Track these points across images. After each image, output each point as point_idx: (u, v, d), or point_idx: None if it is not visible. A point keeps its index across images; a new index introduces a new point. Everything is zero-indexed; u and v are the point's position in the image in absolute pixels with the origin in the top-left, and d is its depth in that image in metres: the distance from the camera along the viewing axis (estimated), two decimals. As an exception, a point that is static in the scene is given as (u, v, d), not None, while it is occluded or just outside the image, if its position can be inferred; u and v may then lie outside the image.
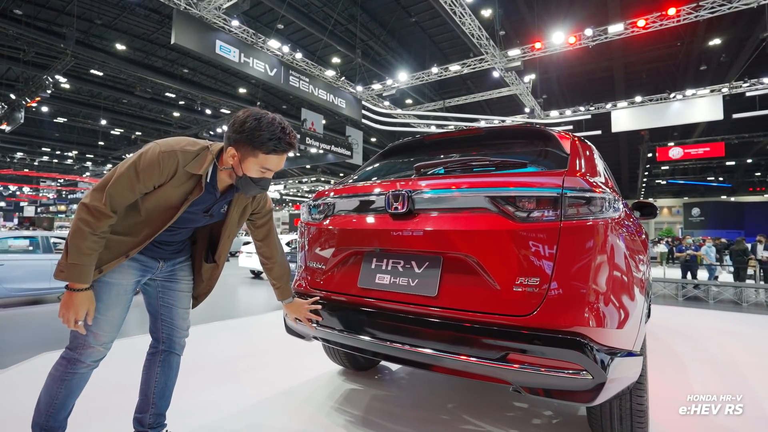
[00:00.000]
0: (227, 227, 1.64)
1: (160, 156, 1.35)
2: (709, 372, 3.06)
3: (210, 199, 1.51)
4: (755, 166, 29.71)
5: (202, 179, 1.43)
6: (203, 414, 2.16)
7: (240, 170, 1.43)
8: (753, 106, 14.66)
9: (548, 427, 2.10)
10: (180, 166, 1.38)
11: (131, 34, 15.02)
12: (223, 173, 1.48)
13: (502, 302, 1.49)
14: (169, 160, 1.36)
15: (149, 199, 1.41)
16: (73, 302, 1.34)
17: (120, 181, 1.33)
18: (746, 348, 3.85)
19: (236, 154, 1.40)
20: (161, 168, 1.35)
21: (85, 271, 1.32)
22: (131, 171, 1.33)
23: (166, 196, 1.41)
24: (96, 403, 2.24)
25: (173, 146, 1.38)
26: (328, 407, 2.27)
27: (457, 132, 2.29)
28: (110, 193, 1.32)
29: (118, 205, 1.35)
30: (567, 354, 1.36)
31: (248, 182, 1.46)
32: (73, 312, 1.34)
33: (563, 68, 17.18)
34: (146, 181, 1.35)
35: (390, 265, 1.77)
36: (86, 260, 1.32)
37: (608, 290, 1.47)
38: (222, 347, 3.54)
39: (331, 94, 14.26)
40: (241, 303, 7.65)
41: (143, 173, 1.34)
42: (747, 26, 13.98)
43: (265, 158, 1.41)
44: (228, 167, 1.45)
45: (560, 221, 1.47)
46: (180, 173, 1.39)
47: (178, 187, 1.41)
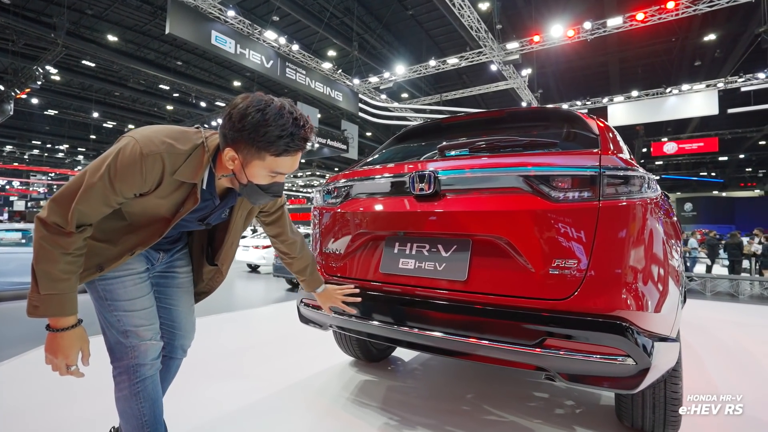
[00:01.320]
0: (230, 233, 1.39)
1: (140, 159, 1.04)
2: (726, 362, 3.03)
3: (207, 207, 1.24)
4: (747, 161, 30.07)
5: (197, 188, 1.15)
6: (212, 409, 2.08)
7: (243, 177, 1.11)
8: (747, 102, 14.74)
9: (572, 416, 2.05)
10: (167, 173, 1.08)
11: (123, 25, 14.69)
12: (222, 179, 1.20)
13: (537, 285, 1.42)
14: (152, 165, 1.05)
15: (132, 205, 1.14)
16: (60, 345, 1.07)
17: (91, 194, 1.04)
18: (757, 338, 3.84)
19: (237, 157, 1.08)
20: (143, 175, 1.05)
21: (66, 300, 1.06)
22: (105, 181, 1.03)
23: (152, 207, 1.16)
24: (79, 406, 2.15)
25: (157, 145, 1.06)
26: (344, 399, 2.20)
27: (476, 114, 2.21)
28: (79, 210, 1.04)
29: (89, 220, 1.08)
30: (609, 338, 1.30)
31: (255, 191, 1.14)
32: (62, 357, 1.08)
33: (559, 63, 17.16)
34: (124, 192, 1.07)
35: (414, 249, 1.70)
36: (64, 286, 1.05)
37: (648, 273, 1.41)
38: (223, 341, 3.46)
39: (327, 86, 14.11)
40: (238, 296, 7.54)
41: (120, 182, 1.04)
42: (742, 21, 14.02)
43: (275, 161, 1.08)
44: (228, 174, 1.16)
45: (599, 201, 1.40)
46: (167, 182, 1.10)
47: (165, 197, 1.13)
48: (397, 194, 1.78)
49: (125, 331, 1.24)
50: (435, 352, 1.62)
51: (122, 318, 1.24)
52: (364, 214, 1.88)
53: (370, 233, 1.85)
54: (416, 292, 1.65)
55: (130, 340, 1.24)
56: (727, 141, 22.30)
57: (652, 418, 1.71)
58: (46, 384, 2.38)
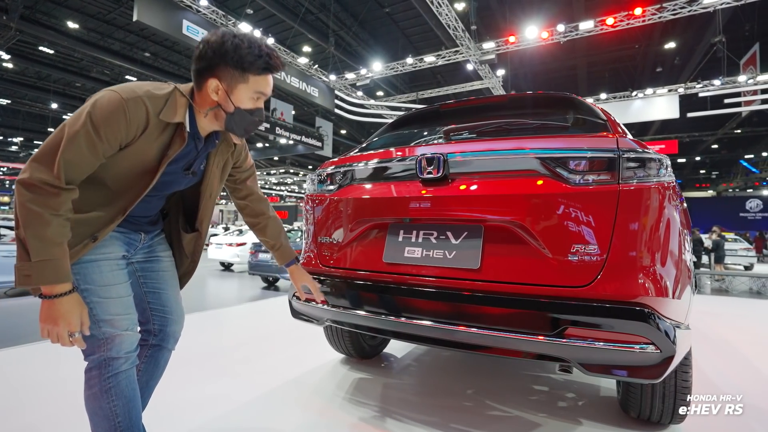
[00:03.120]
0: (207, 186, 1.34)
1: (123, 104, 1.02)
2: (710, 351, 3.11)
3: (192, 152, 1.23)
4: (702, 163, 31.84)
5: (183, 128, 1.14)
6: (202, 410, 1.91)
7: (230, 105, 1.15)
8: (705, 107, 15.55)
9: (575, 409, 2.01)
10: (151, 114, 1.07)
11: (84, 12, 13.84)
12: (204, 117, 1.19)
13: (555, 272, 1.36)
14: (135, 109, 1.04)
15: (116, 164, 1.09)
16: (59, 312, 1.00)
17: (76, 142, 0.99)
18: (731, 326, 3.99)
19: (221, 86, 1.12)
20: (128, 119, 1.03)
21: (60, 266, 1.00)
22: (88, 127, 0.99)
23: (139, 156, 1.11)
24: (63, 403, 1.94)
25: (135, 91, 1.06)
26: (340, 398, 2.07)
27: (477, 99, 2.14)
28: (66, 160, 0.98)
29: (77, 174, 1.02)
30: (633, 326, 1.25)
31: (244, 116, 1.17)
32: (63, 324, 1.01)
33: (531, 65, 17.58)
34: (111, 139, 1.03)
35: (421, 237, 1.60)
36: (58, 252, 0.99)
37: (668, 258, 1.37)
38: (205, 340, 3.25)
39: (304, 82, 13.83)
40: (214, 295, 7.24)
41: (105, 128, 1.01)
42: (698, 32, 14.84)
43: (257, 80, 1.15)
44: (213, 107, 1.16)
45: (618, 184, 1.35)
46: (153, 124, 1.09)
47: (154, 140, 1.11)
48: (402, 179, 1.68)
49: (98, 321, 1.13)
50: (446, 346, 1.52)
51: (95, 306, 1.13)
52: (364, 201, 1.77)
53: (371, 221, 1.74)
54: (424, 282, 1.56)
55: (102, 331, 1.14)
56: (685, 144, 23.54)
57: (661, 408, 1.69)
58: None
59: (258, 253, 7.63)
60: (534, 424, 1.84)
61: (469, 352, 1.72)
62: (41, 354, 2.81)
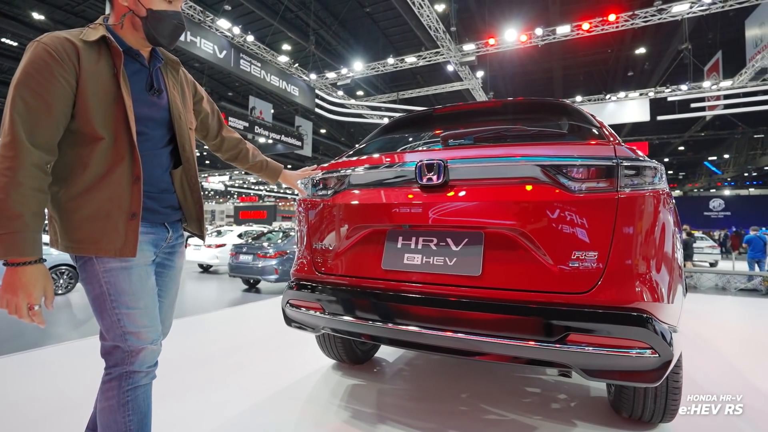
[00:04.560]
0: (174, 108, 1.28)
1: (44, 44, 1.02)
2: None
3: (142, 70, 1.20)
4: (669, 164, 33.18)
5: (110, 40, 1.11)
6: (192, 423, 1.84)
7: (141, 8, 1.13)
8: (673, 110, 16.23)
9: (567, 410, 2.04)
10: (76, 42, 1.06)
11: (51, 4, 13.22)
12: (127, 31, 1.16)
13: (557, 279, 1.37)
14: (58, 42, 1.03)
15: (88, 105, 1.06)
16: (20, 281, 0.96)
17: (19, 96, 0.98)
18: (700, 322, 4.16)
19: None
20: (58, 54, 1.02)
21: (22, 239, 0.95)
22: (25, 78, 0.99)
23: (98, 83, 1.08)
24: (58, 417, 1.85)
25: (51, 34, 1.07)
26: (335, 406, 2.04)
27: (471, 104, 2.15)
28: (17, 113, 0.97)
29: (37, 126, 0.99)
30: (633, 331, 1.27)
31: (157, 18, 1.14)
32: (23, 294, 0.96)
33: (510, 67, 17.90)
34: (53, 79, 1.01)
35: (420, 244, 1.59)
36: (18, 225, 0.94)
37: (663, 264, 1.41)
38: (189, 348, 3.15)
39: (284, 80, 13.63)
40: (194, 300, 7.04)
41: (42, 70, 1.00)
42: (666, 39, 15.51)
43: None
44: (126, 13, 1.13)
45: (617, 192, 1.38)
46: (84, 50, 1.06)
47: (96, 64, 1.08)
48: (401, 185, 1.66)
49: (124, 334, 1.11)
50: (448, 353, 1.52)
51: (123, 317, 1.11)
52: (362, 207, 1.74)
53: (369, 227, 1.72)
54: (424, 289, 1.55)
55: (128, 343, 1.12)
56: (655, 146, 24.48)
57: (653, 407, 1.74)
58: None
59: (239, 255, 7.47)
60: (530, 427, 1.86)
61: (471, 359, 1.72)
62: (9, 368, 2.66)
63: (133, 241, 1.10)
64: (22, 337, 4.34)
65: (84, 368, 2.62)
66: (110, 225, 1.08)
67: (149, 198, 1.20)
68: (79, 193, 1.08)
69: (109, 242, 1.08)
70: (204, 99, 1.50)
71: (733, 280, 9.53)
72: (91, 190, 1.08)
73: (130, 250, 1.10)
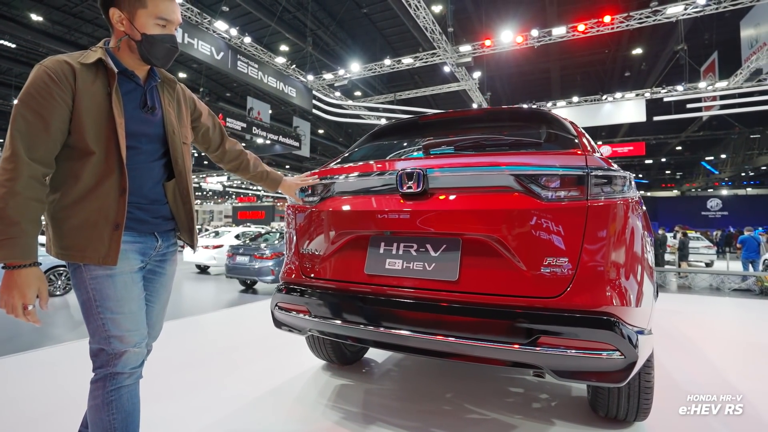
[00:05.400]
0: (168, 124, 1.34)
1: (45, 68, 1.11)
2: (673, 346, 3.30)
3: (136, 89, 1.27)
4: (667, 164, 33.31)
5: (107, 63, 1.19)
6: (185, 423, 1.91)
7: (136, 32, 1.20)
8: (669, 111, 16.30)
9: (548, 409, 2.11)
10: (73, 64, 1.14)
11: (49, 4, 13.26)
12: (123, 53, 1.24)
13: (529, 284, 1.44)
14: (57, 65, 1.12)
15: (82, 124, 1.13)
16: (15, 282, 1.05)
17: (20, 115, 1.08)
18: (692, 324, 4.23)
19: (122, 15, 1.19)
20: (57, 77, 1.11)
21: (19, 244, 1.04)
22: (27, 98, 1.09)
23: (93, 106, 1.15)
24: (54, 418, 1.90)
25: (53, 57, 1.16)
26: (322, 406, 2.11)
27: (455, 112, 2.21)
28: (17, 131, 1.06)
29: (35, 142, 1.08)
30: (600, 334, 1.34)
31: (152, 42, 1.22)
32: (18, 294, 1.05)
33: (507, 67, 17.96)
34: (51, 100, 1.09)
35: (401, 250, 1.65)
36: (15, 231, 1.04)
37: (631, 269, 1.47)
38: (183, 350, 3.21)
39: (281, 82, 13.68)
40: (192, 301, 7.10)
41: (42, 91, 1.09)
42: (662, 40, 15.58)
43: (155, 4, 1.20)
44: (122, 37, 1.22)
45: (587, 200, 1.44)
46: (80, 72, 1.14)
47: (91, 85, 1.16)
48: (383, 192, 1.73)
49: (108, 337, 1.18)
50: (426, 354, 1.58)
51: (107, 321, 1.18)
52: (346, 213, 1.81)
53: (353, 233, 1.78)
54: (405, 293, 1.61)
55: (112, 346, 1.19)
56: (652, 146, 24.55)
57: (626, 406, 1.80)
58: None
59: (236, 256, 7.53)
60: (510, 425, 1.92)
61: (448, 360, 1.78)
62: (5, 369, 2.72)
63: (115, 250, 1.17)
64: (21, 338, 4.40)
65: (81, 368, 2.67)
66: (96, 234, 1.15)
67: (139, 209, 1.26)
68: (70, 204, 1.16)
69: (94, 251, 1.15)
70: (203, 114, 1.56)
71: (727, 280, 9.62)
72: (81, 201, 1.15)
73: (113, 258, 1.17)
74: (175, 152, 1.36)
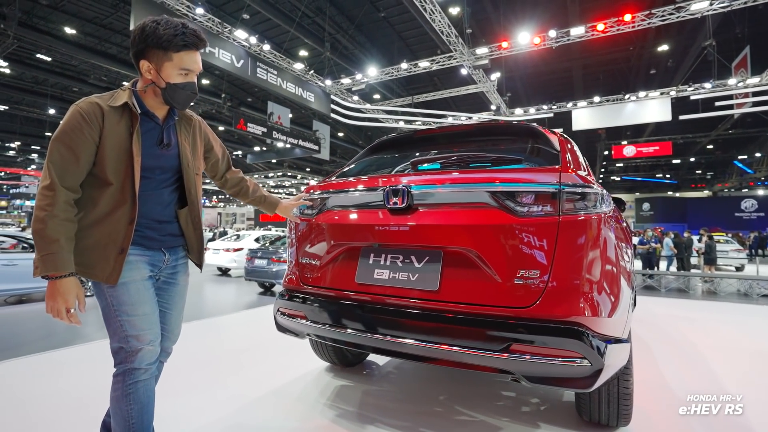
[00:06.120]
0: (183, 157, 1.51)
1: (79, 108, 1.29)
2: (675, 352, 3.29)
3: (155, 128, 1.44)
4: (697, 164, 32.07)
5: (132, 105, 1.36)
6: (191, 418, 2.08)
7: (161, 81, 1.37)
8: (696, 109, 15.74)
9: (537, 414, 2.18)
10: (103, 106, 1.32)
11: (82, 17, 13.98)
12: (148, 96, 1.41)
13: (503, 294, 1.53)
14: (90, 107, 1.31)
15: (105, 157, 1.32)
16: (58, 290, 1.25)
17: (56, 149, 1.27)
18: (699, 330, 4.17)
19: (151, 66, 1.36)
20: (88, 117, 1.29)
21: (58, 258, 1.23)
22: (62, 135, 1.28)
23: (116, 142, 1.33)
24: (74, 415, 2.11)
25: (86, 98, 1.34)
26: (321, 405, 2.25)
27: (447, 128, 2.32)
28: (53, 162, 1.25)
29: (72, 176, 1.28)
30: (567, 343, 1.42)
31: (175, 90, 1.38)
32: (61, 301, 1.25)
33: (526, 68, 17.74)
34: (81, 137, 1.28)
35: (389, 260, 1.77)
36: (55, 247, 1.23)
37: (602, 281, 1.54)
38: (198, 349, 3.42)
39: (299, 87, 13.98)
40: (211, 302, 7.40)
41: (75, 130, 1.28)
42: (690, 35, 15.03)
43: (179, 57, 1.36)
44: (149, 84, 1.38)
45: (559, 216, 1.52)
46: (108, 113, 1.32)
47: (117, 125, 1.34)
48: (372, 207, 1.85)
49: (126, 337, 1.35)
50: (409, 358, 1.70)
51: (124, 323, 1.35)
52: (339, 226, 1.94)
53: (345, 244, 1.91)
54: (390, 301, 1.73)
55: (130, 345, 1.35)
56: (679, 145, 23.73)
57: (607, 411, 1.87)
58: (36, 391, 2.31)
59: (254, 259, 7.79)
60: (496, 427, 2.01)
61: (428, 364, 1.89)
62: (41, 365, 2.98)
63: (118, 271, 1.34)
64: (54, 336, 4.74)
65: (108, 365, 2.91)
66: (104, 255, 1.33)
67: (148, 228, 1.45)
68: (87, 226, 1.33)
69: (100, 270, 1.33)
70: (215, 146, 1.73)
71: (756, 285, 9.27)
72: (96, 224, 1.34)
73: (114, 278, 1.34)
74: (188, 183, 1.53)
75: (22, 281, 6.35)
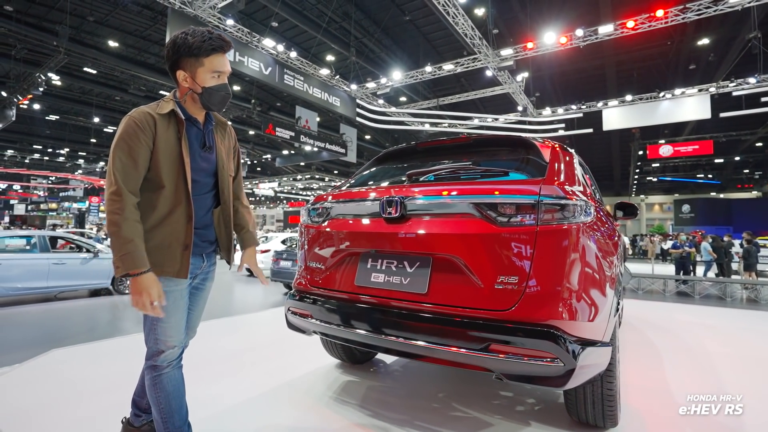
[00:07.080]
0: (219, 159, 1.66)
1: (133, 118, 1.43)
2: (684, 360, 3.26)
3: (198, 132, 1.59)
4: (743, 163, 30.24)
5: (177, 111, 1.51)
6: (207, 406, 2.30)
7: (197, 86, 1.50)
8: (740, 105, 14.93)
9: (531, 413, 2.27)
10: (154, 115, 1.46)
11: (124, 30, 14.97)
12: (188, 103, 1.56)
13: (484, 298, 1.65)
14: (142, 116, 1.44)
15: (158, 162, 1.45)
16: (142, 286, 1.37)
17: (117, 156, 1.39)
18: (721, 339, 4.07)
19: (186, 74, 1.50)
20: (141, 125, 1.42)
21: (135, 256, 1.36)
22: (120, 142, 1.41)
23: (167, 148, 1.47)
24: (86, 405, 2.38)
25: (140, 107, 1.49)
26: (327, 397, 2.43)
27: (446, 140, 2.45)
28: (116, 169, 1.38)
29: (133, 181, 1.41)
30: (541, 344, 1.53)
31: (210, 93, 1.53)
32: (146, 295, 1.37)
33: (555, 66, 17.38)
34: (138, 143, 1.41)
35: (384, 265, 1.93)
36: (131, 247, 1.35)
37: (579, 287, 1.64)
38: (223, 343, 3.69)
39: (325, 92, 14.35)
40: (239, 301, 7.79)
41: (132, 137, 1.41)
42: (734, 27, 14.28)
43: (210, 61, 1.49)
44: (187, 92, 1.53)
45: (537, 226, 1.63)
46: (159, 120, 1.46)
47: (167, 130, 1.48)
48: (370, 216, 2.02)
49: (156, 339, 1.54)
50: (399, 355, 1.85)
51: (157, 327, 1.52)
52: (342, 233, 2.11)
53: (347, 250, 2.08)
54: (385, 302, 1.89)
55: (158, 346, 1.55)
56: (722, 143, 22.48)
57: (593, 412, 1.95)
58: (52, 387, 2.62)
59: (280, 261, 8.11)
60: (487, 424, 2.12)
61: (416, 360, 2.02)
62: (86, 354, 3.32)
63: (186, 266, 1.51)
64: (97, 329, 5.18)
65: (139, 356, 3.21)
66: (170, 253, 1.49)
67: (194, 234, 1.59)
68: (150, 228, 1.46)
69: (169, 266, 1.49)
70: (234, 154, 1.82)
71: (800, 292, 8.76)
72: (158, 226, 1.48)
73: (184, 273, 1.50)
74: (222, 184, 1.67)
75: (69, 279, 6.92)
